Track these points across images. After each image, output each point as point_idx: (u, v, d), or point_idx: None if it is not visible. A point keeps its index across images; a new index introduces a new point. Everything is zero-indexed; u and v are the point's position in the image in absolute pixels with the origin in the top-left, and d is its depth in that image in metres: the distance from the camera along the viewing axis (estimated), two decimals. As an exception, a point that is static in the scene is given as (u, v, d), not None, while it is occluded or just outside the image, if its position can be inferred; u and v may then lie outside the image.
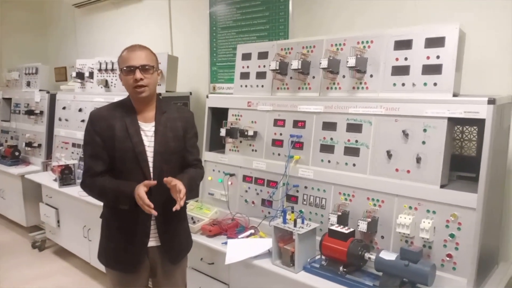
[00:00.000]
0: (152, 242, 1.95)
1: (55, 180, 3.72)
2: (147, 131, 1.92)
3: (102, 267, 3.31)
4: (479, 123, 1.84)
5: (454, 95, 1.84)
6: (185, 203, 2.15)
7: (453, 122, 1.86)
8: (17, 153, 4.65)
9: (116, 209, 1.91)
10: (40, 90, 4.72)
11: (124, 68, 1.85)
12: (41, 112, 4.57)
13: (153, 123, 1.94)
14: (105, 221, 2.02)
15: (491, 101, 1.68)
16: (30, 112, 4.62)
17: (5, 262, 4.03)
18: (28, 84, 4.94)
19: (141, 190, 1.76)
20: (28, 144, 4.53)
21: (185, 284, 2.19)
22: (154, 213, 1.76)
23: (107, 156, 1.87)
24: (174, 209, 1.78)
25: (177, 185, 1.79)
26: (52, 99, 4.51)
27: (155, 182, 1.82)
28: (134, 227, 1.91)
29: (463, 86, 1.98)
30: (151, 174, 1.89)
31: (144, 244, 1.93)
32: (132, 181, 1.83)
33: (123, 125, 1.87)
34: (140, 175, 1.86)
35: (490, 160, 1.68)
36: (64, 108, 4.28)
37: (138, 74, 1.82)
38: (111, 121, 1.88)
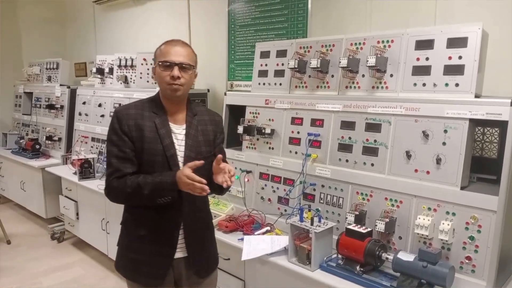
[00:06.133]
0: (179, 253, 1.78)
1: (75, 173, 3.81)
2: (178, 133, 1.76)
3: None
4: (501, 124, 1.82)
5: (476, 96, 1.82)
6: (211, 213, 2.03)
7: (474, 123, 1.84)
8: (37, 146, 4.76)
9: (140, 216, 1.76)
10: (60, 85, 4.82)
11: (162, 62, 1.69)
12: (62, 107, 4.66)
13: (184, 126, 1.79)
14: (126, 229, 1.84)
15: (515, 103, 1.66)
16: (50, 106, 4.72)
17: (25, 252, 4.14)
18: (49, 79, 5.04)
19: (187, 171, 1.57)
20: (49, 138, 4.64)
21: None
22: (208, 190, 1.55)
23: (136, 158, 1.70)
24: (225, 185, 1.66)
25: (226, 167, 1.67)
26: (73, 94, 4.60)
27: (202, 162, 1.61)
28: (159, 236, 1.74)
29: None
30: None
31: (170, 256, 1.76)
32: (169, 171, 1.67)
33: (152, 125, 1.71)
34: None
35: (512, 163, 1.66)
36: (84, 103, 4.37)
37: (176, 72, 1.67)
38: (139, 120, 1.71)
